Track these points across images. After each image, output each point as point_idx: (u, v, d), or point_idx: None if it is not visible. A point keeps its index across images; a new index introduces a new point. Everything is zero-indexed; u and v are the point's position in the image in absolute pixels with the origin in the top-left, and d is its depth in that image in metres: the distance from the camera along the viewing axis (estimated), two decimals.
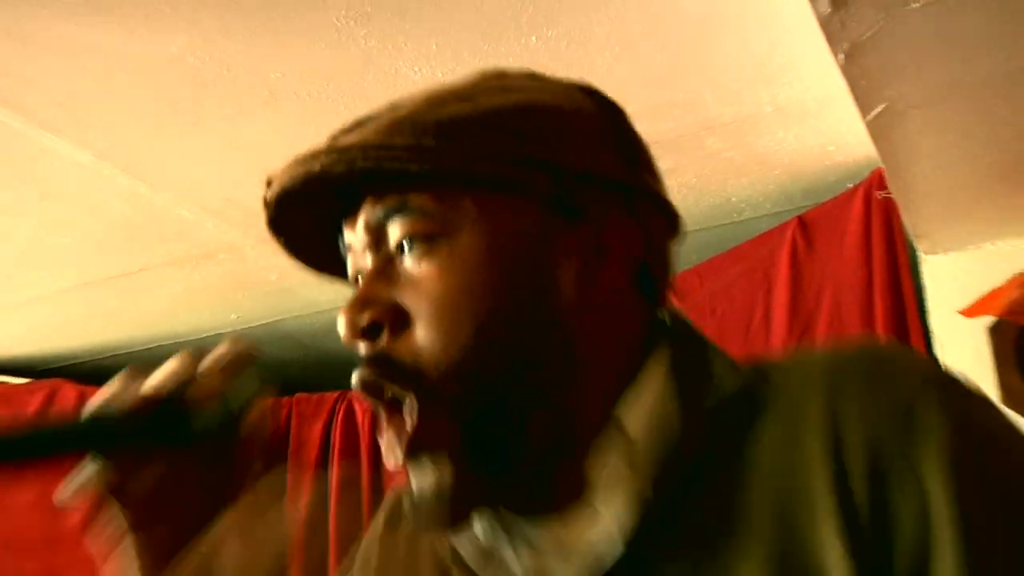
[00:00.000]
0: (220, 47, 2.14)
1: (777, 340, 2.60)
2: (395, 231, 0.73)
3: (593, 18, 2.06)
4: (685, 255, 2.79)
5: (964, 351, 2.29)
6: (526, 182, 0.72)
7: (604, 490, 0.71)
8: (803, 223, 2.64)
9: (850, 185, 2.56)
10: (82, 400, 3.06)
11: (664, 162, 2.39)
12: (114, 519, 0.74)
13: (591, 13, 2.05)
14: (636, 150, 0.82)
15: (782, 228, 2.67)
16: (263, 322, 3.66)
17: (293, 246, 0.82)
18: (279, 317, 3.65)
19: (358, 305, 0.72)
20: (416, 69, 2.23)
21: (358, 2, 2.02)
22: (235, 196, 2.71)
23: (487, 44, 2.14)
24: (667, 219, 0.81)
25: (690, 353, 0.77)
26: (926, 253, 2.40)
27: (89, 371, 3.65)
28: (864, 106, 1.86)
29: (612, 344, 0.75)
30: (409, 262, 0.72)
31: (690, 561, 0.69)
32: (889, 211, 2.40)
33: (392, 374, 0.70)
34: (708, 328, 2.68)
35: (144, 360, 0.79)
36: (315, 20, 2.06)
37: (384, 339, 0.71)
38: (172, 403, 0.71)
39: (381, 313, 0.71)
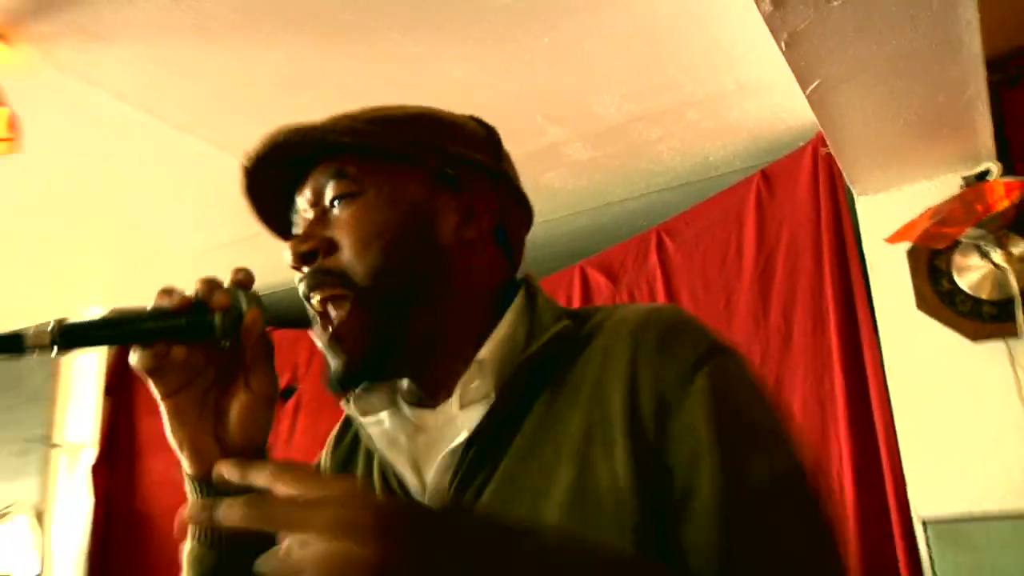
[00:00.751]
0: (306, 59, 2.25)
1: (748, 266, 2.65)
2: (330, 191, 0.84)
3: (591, 22, 2.15)
4: (675, 204, 2.93)
5: (890, 269, 2.33)
6: (421, 159, 0.85)
7: (463, 396, 0.82)
8: (765, 176, 2.69)
9: (801, 144, 2.61)
10: None
11: (653, 132, 2.57)
12: (153, 390, 0.80)
13: (589, 18, 2.13)
14: (502, 155, 0.93)
15: (749, 180, 2.73)
16: None
17: (259, 211, 0.91)
18: None
19: (301, 238, 0.84)
20: (455, 68, 2.31)
21: (405, 18, 2.11)
22: None
23: (510, 44, 2.23)
24: (520, 203, 0.93)
25: (531, 301, 0.87)
26: (859, 195, 2.43)
27: None
28: (803, 82, 1.91)
29: (475, 278, 0.86)
30: (338, 211, 0.83)
31: (517, 458, 0.78)
32: (831, 163, 2.44)
33: (327, 279, 0.82)
34: (694, 260, 2.79)
35: (271, 301, 0.86)
36: (374, 35, 2.16)
37: (318, 261, 0.82)
38: (199, 306, 0.78)
39: (318, 242, 0.83)
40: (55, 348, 0.74)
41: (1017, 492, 2.02)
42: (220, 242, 3.16)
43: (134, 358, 0.78)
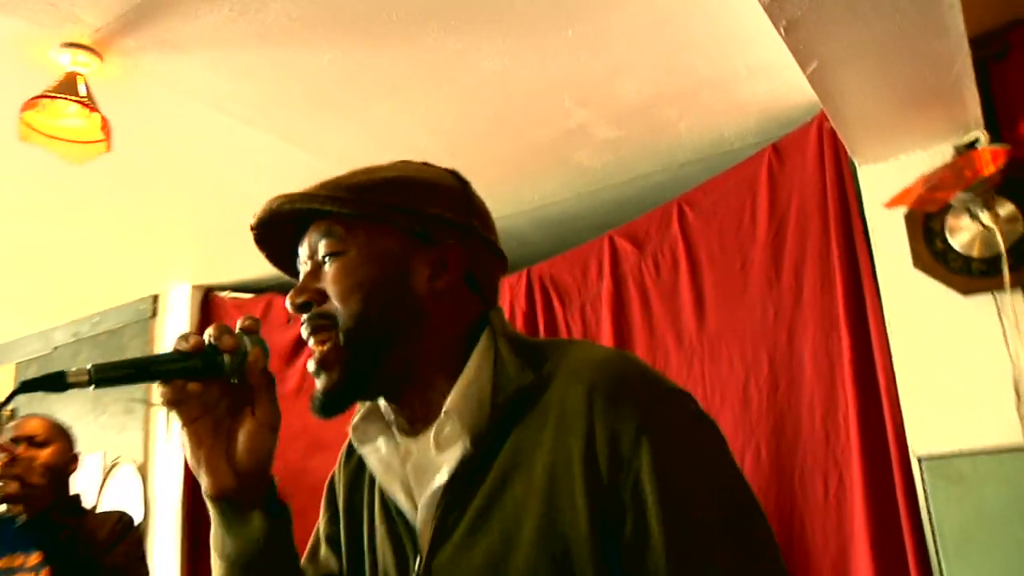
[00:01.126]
0: (356, 58, 2.32)
1: (761, 232, 2.67)
2: (321, 249, 0.90)
3: (611, 15, 2.19)
4: (694, 177, 2.96)
5: (889, 231, 2.34)
6: (395, 220, 0.90)
7: (437, 440, 0.87)
8: (776, 149, 2.70)
9: (807, 120, 2.61)
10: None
11: (672, 112, 2.62)
12: (175, 419, 0.87)
13: (609, 12, 2.18)
14: (473, 206, 0.96)
15: (761, 154, 2.73)
16: None
17: (270, 257, 0.99)
18: None
19: (297, 292, 0.90)
20: (492, 61, 2.36)
21: (445, 18, 2.17)
22: (381, 160, 2.84)
23: (539, 38, 2.27)
24: (491, 249, 0.96)
25: (494, 344, 0.90)
26: (861, 164, 2.43)
27: (289, 286, 3.85)
28: (803, 64, 1.92)
29: (446, 322, 0.91)
30: (327, 267, 0.90)
31: (492, 493, 0.83)
32: (835, 137, 2.43)
33: (320, 323, 0.88)
34: (712, 227, 2.84)
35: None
36: (417, 34, 2.22)
37: (313, 309, 0.89)
38: (211, 348, 0.86)
39: (311, 295, 0.89)
40: (91, 385, 0.81)
41: (1001, 430, 2.05)
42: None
43: (159, 394, 0.85)
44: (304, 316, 0.90)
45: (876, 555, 2.21)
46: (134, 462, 3.87)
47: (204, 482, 0.87)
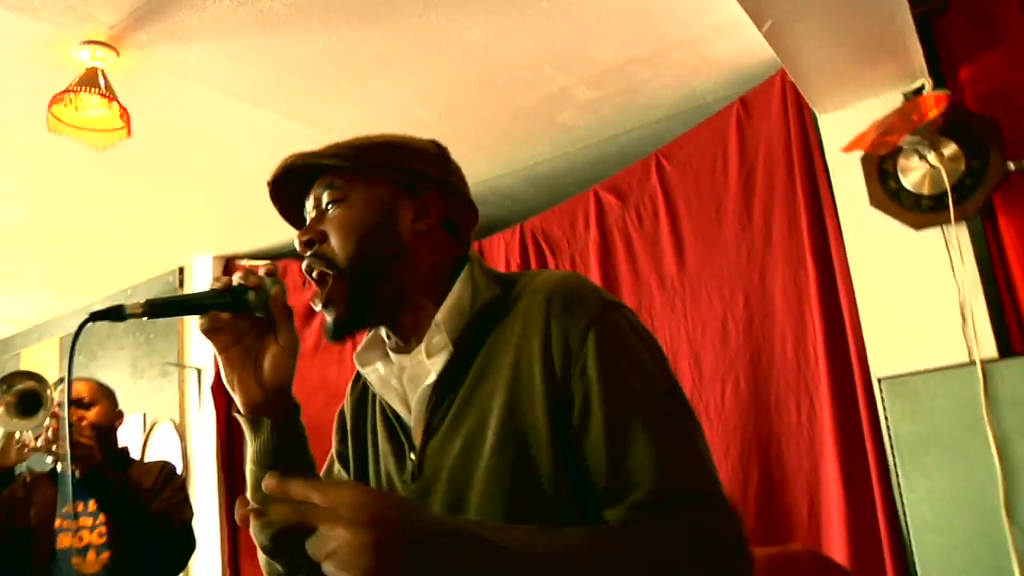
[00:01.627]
0: (348, 38, 2.39)
1: (733, 180, 2.75)
2: (325, 198, 1.01)
3: None
4: (670, 132, 3.03)
5: (848, 174, 2.41)
6: (385, 173, 1.01)
7: (427, 348, 0.97)
8: (744, 102, 2.77)
9: (771, 74, 2.67)
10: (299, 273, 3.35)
11: (646, 72, 2.69)
12: (213, 347, 1.00)
13: None
14: (450, 167, 1.08)
15: (730, 107, 2.80)
16: None
17: (282, 211, 1.09)
18: None
19: (304, 232, 1.01)
20: (473, 33, 2.43)
21: None
22: (381, 131, 2.88)
23: (516, 9, 2.34)
24: (466, 203, 1.06)
25: (472, 274, 1.01)
26: (820, 113, 2.49)
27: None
28: (758, 23, 1.98)
29: (428, 256, 1.01)
30: (330, 212, 1.01)
31: (469, 389, 0.94)
32: (796, 89, 2.46)
33: (319, 261, 0.99)
34: (688, 177, 2.94)
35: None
36: (402, 12, 2.30)
37: (315, 248, 1.00)
38: (240, 286, 0.98)
39: (315, 235, 1.00)
40: (145, 316, 0.94)
41: (950, 350, 2.16)
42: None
43: (199, 325, 0.98)
44: (307, 253, 1.01)
45: (843, 468, 2.34)
46: (172, 421, 4.02)
47: (238, 399, 1.00)
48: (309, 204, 1.05)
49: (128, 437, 3.86)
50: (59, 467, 2.28)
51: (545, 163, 3.41)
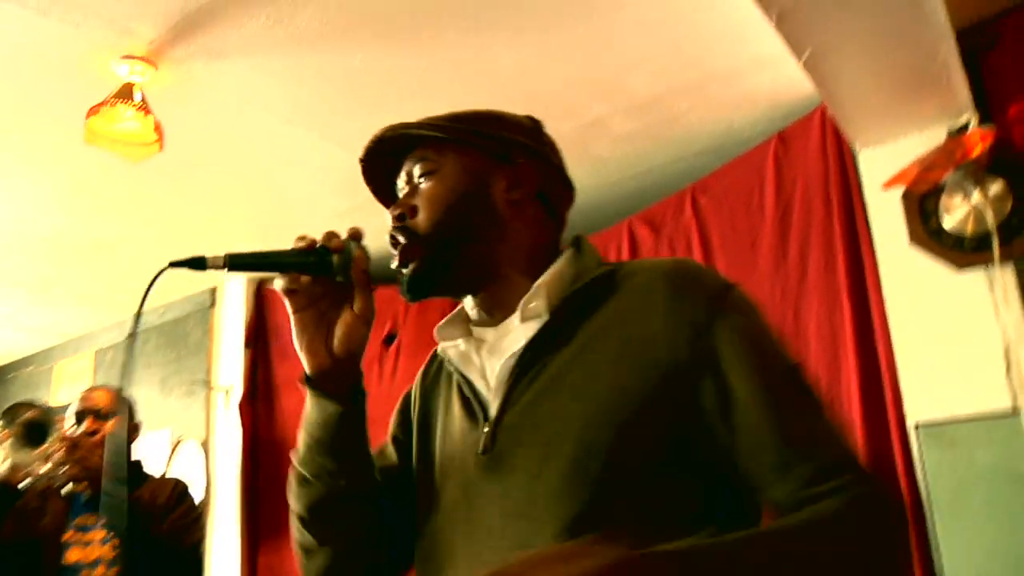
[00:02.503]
0: (382, 59, 2.38)
1: (769, 215, 2.67)
2: (417, 171, 1.00)
3: (620, 12, 2.22)
4: (706, 167, 2.95)
5: (887, 211, 2.33)
6: (478, 143, 1.00)
7: (523, 312, 0.93)
8: (782, 137, 2.69)
9: (811, 109, 2.60)
10: None
11: (683, 104, 2.62)
12: (288, 307, 0.96)
13: (620, 9, 2.21)
14: (545, 141, 1.05)
15: (768, 142, 2.73)
16: None
17: (375, 190, 1.08)
18: None
19: (395, 206, 1.00)
20: (507, 59, 2.40)
21: (462, 21, 2.24)
22: None
23: (551, 36, 2.31)
24: (560, 176, 1.04)
25: (579, 251, 0.99)
26: (859, 149, 2.42)
27: None
28: (797, 52, 1.93)
29: (520, 227, 0.99)
30: (423, 184, 0.99)
31: (567, 361, 0.88)
32: (836, 124, 2.41)
33: (404, 231, 0.97)
34: (723, 211, 2.85)
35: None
36: (437, 35, 2.29)
37: (407, 220, 0.98)
38: (323, 248, 0.95)
39: (405, 208, 0.99)
40: (226, 268, 0.91)
41: (992, 397, 2.04)
42: (322, 215, 3.28)
43: (277, 283, 0.95)
44: (398, 225, 0.99)
45: None
46: (197, 439, 4.00)
47: (306, 362, 0.96)
48: (401, 180, 1.03)
49: (153, 453, 3.87)
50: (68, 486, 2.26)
51: (580, 193, 3.30)
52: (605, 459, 0.81)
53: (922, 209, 2.26)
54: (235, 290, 4.07)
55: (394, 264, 0.98)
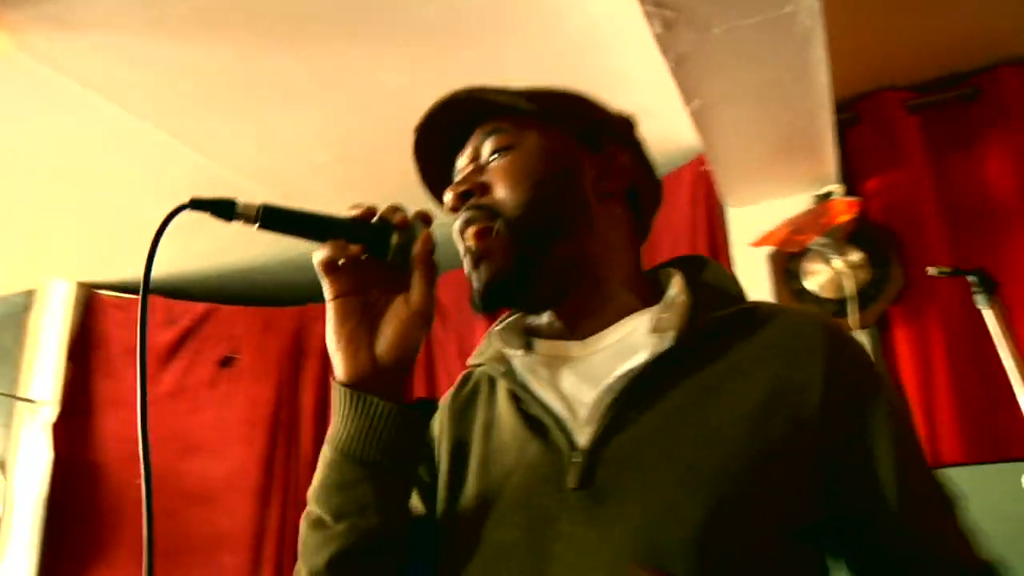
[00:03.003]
0: (255, 58, 2.16)
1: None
2: (488, 146, 0.84)
3: (510, 41, 2.13)
4: None
5: (753, 270, 2.34)
6: (567, 122, 0.86)
7: (655, 323, 0.78)
8: None
9: (682, 164, 2.60)
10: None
11: None
12: (326, 290, 0.77)
13: (509, 37, 2.11)
14: (638, 141, 0.93)
15: None
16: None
17: (423, 170, 0.91)
18: None
19: (460, 182, 0.84)
20: (392, 76, 2.25)
21: (349, 28, 2.07)
22: (272, 167, 2.67)
23: (439, 58, 2.19)
24: (651, 174, 0.92)
25: (711, 271, 0.87)
26: (729, 206, 2.45)
27: (169, 290, 3.62)
28: (688, 100, 1.92)
29: (613, 224, 0.86)
30: (496, 162, 0.83)
31: (694, 393, 0.75)
32: (707, 181, 2.44)
33: (478, 215, 0.81)
34: None
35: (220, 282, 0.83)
36: (320, 40, 2.11)
37: (473, 199, 0.82)
38: (382, 220, 0.77)
39: (472, 185, 0.83)
40: (256, 223, 0.72)
41: None
42: (155, 225, 2.98)
43: (318, 255, 0.76)
44: (463, 206, 0.82)
45: None
46: None
47: (341, 365, 0.76)
48: (462, 160, 0.87)
49: None
50: None
51: (448, 225, 3.20)
52: (745, 517, 0.69)
53: (787, 271, 2.31)
54: (58, 293, 3.64)
55: (467, 265, 0.82)
